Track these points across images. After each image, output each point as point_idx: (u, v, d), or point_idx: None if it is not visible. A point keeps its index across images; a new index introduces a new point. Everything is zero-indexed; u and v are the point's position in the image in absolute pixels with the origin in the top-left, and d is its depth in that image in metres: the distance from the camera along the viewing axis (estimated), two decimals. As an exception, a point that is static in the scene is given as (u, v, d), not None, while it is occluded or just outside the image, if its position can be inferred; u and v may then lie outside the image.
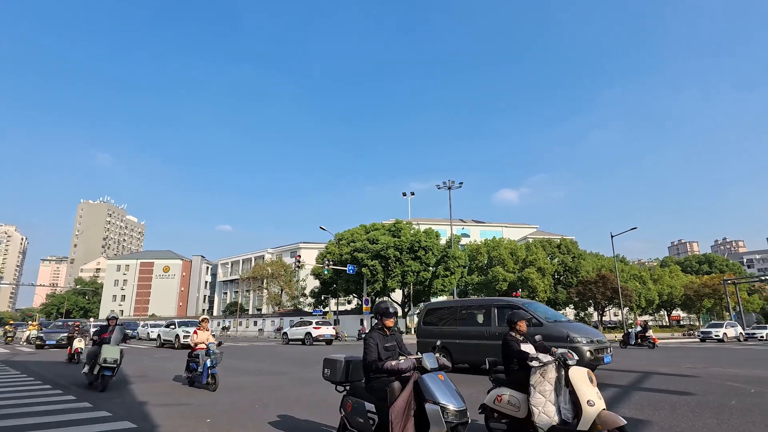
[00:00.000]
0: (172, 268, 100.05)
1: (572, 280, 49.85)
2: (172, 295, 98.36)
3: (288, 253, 79.86)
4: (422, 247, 39.73)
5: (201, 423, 5.89)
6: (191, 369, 9.38)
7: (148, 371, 12.59)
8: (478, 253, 50.73)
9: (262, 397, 7.88)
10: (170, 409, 6.93)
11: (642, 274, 56.89)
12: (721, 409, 6.56)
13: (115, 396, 8.14)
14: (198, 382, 9.02)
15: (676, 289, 57.48)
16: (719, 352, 21.38)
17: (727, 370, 11.90)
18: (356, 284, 42.46)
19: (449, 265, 40.96)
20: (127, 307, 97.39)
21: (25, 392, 8.60)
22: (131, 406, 7.18)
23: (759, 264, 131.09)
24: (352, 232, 44.42)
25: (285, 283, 63.41)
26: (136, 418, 6.15)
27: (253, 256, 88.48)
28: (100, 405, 7.11)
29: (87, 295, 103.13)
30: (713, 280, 57.27)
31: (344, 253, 41.57)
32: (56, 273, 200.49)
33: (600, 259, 57.21)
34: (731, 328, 36.04)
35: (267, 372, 12.45)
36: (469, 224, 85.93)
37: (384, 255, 39.08)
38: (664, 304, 60.22)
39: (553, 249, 52.64)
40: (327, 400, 7.25)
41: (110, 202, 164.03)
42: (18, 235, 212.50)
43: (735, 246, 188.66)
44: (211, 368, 8.72)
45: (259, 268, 67.41)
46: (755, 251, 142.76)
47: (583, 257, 52.49)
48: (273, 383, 9.99)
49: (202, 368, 8.89)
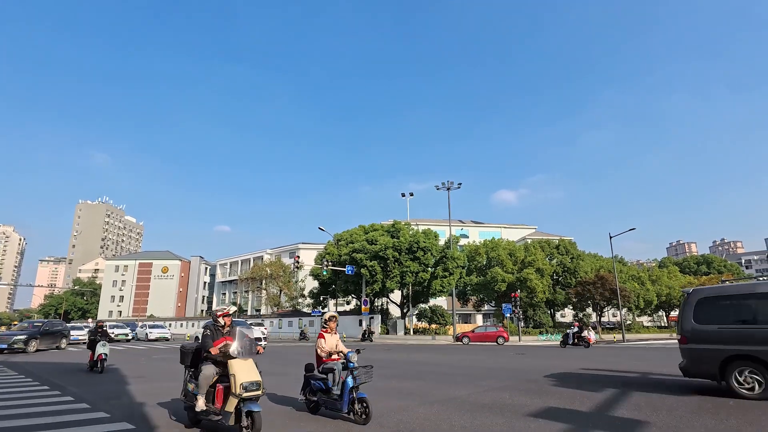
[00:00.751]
0: (171, 268, 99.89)
1: (571, 280, 49.89)
2: (170, 295, 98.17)
3: (287, 253, 79.82)
4: (421, 247, 39.73)
5: (199, 424, 5.87)
6: (317, 389, 6.42)
7: (146, 372, 12.57)
8: (477, 253, 50.73)
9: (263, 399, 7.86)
10: (168, 409, 6.92)
11: (640, 274, 56.95)
12: (719, 409, 6.57)
13: (113, 397, 8.14)
14: (332, 409, 6.19)
15: (675, 290, 57.55)
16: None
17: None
18: (355, 285, 42.44)
19: (448, 266, 40.96)
20: (125, 308, 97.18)
21: (23, 393, 8.58)
22: (129, 407, 7.18)
23: (757, 265, 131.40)
24: (351, 233, 44.42)
25: (284, 284, 63.34)
26: (134, 419, 6.15)
27: (252, 257, 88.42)
28: (98, 406, 7.10)
29: (85, 296, 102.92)
30: (711, 280, 57.38)
31: (343, 253, 41.56)
32: (54, 273, 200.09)
33: (598, 259, 57.26)
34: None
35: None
36: (467, 225, 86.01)
37: (383, 256, 39.07)
38: (663, 304, 60.30)
39: (552, 250, 52.68)
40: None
41: (109, 203, 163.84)
42: (16, 235, 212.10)
43: (733, 247, 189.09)
44: (355, 389, 6.00)
45: (258, 268, 67.35)
46: (753, 252, 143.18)
47: (581, 258, 52.53)
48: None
49: (339, 389, 6.03)
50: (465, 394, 8.20)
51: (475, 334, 33.76)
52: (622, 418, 6.06)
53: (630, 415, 6.20)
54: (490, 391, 8.57)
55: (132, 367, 13.71)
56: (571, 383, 9.70)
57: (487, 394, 8.20)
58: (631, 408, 6.78)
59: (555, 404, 7.12)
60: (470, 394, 8.28)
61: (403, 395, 8.17)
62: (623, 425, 5.69)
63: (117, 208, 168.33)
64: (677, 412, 6.39)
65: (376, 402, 7.43)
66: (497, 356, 19.22)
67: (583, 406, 6.92)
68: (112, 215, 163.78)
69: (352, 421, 5.97)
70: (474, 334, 33.82)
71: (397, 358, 18.40)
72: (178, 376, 11.49)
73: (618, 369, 12.78)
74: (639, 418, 6.01)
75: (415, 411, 6.67)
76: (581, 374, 11.54)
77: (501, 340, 32.25)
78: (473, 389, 8.88)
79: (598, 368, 13.11)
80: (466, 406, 7.07)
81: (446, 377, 11.09)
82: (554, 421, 5.88)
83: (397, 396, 8.10)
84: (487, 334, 33.22)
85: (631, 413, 6.35)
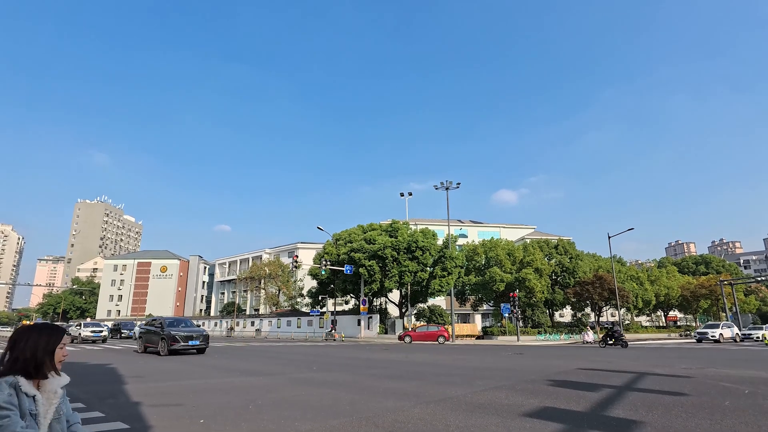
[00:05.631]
0: (170, 268, 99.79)
1: (569, 280, 49.90)
2: (169, 295, 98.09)
3: (285, 253, 79.79)
4: (419, 247, 39.73)
5: (194, 423, 5.86)
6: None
7: (143, 372, 12.55)
8: (476, 253, 50.71)
9: (256, 398, 7.85)
10: (164, 409, 6.90)
11: (639, 274, 56.98)
12: (714, 409, 6.57)
13: (109, 396, 8.11)
14: None
15: (673, 290, 57.60)
16: (712, 352, 21.44)
17: (722, 371, 11.93)
18: (354, 284, 42.44)
19: (446, 266, 40.95)
20: (124, 307, 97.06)
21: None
22: (125, 406, 7.15)
23: (755, 265, 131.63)
24: (350, 233, 44.40)
25: (282, 284, 63.32)
26: (129, 419, 6.12)
27: (251, 256, 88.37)
28: (93, 405, 7.08)
29: (84, 295, 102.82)
30: (710, 281, 57.44)
31: (341, 253, 41.55)
32: (53, 273, 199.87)
33: (597, 259, 57.27)
34: (727, 329, 36.19)
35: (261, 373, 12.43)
36: (466, 225, 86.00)
37: (381, 255, 39.06)
38: (661, 305, 60.34)
39: (551, 250, 52.69)
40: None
41: (107, 202, 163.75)
42: (15, 234, 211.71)
43: (732, 247, 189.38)
44: None
45: (257, 268, 67.31)
46: (752, 252, 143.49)
47: (580, 258, 52.53)
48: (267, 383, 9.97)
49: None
50: (461, 394, 8.19)
51: (417, 333, 34.76)
52: (618, 418, 6.05)
53: (625, 415, 6.19)
54: (486, 391, 8.56)
55: (129, 367, 13.68)
56: (567, 383, 9.69)
57: (483, 394, 8.19)
58: (626, 408, 6.77)
59: (551, 404, 7.11)
60: (466, 394, 8.27)
61: (399, 395, 8.16)
62: (619, 425, 5.68)
63: (116, 208, 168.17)
64: (673, 412, 6.38)
65: (371, 402, 7.43)
66: (494, 356, 19.22)
67: (578, 406, 6.92)
68: (110, 214, 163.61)
69: None
70: (416, 333, 34.77)
71: (393, 358, 18.37)
72: (176, 375, 11.50)
73: (615, 368, 12.79)
74: (634, 418, 6.01)
75: (410, 411, 6.66)
76: (578, 374, 11.54)
77: (441, 339, 33.42)
78: (469, 389, 8.87)
79: (595, 368, 13.11)
80: (461, 405, 7.05)
81: (442, 377, 11.08)
82: (550, 421, 5.87)
83: (393, 396, 8.09)
84: (428, 333, 34.30)
85: (627, 413, 6.35)
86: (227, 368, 13.10)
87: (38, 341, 2.37)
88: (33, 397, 2.25)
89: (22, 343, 2.34)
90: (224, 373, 12.05)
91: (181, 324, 20.42)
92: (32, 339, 2.37)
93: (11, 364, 2.29)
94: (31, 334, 2.39)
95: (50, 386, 2.36)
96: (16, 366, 2.28)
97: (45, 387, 2.34)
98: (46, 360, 2.37)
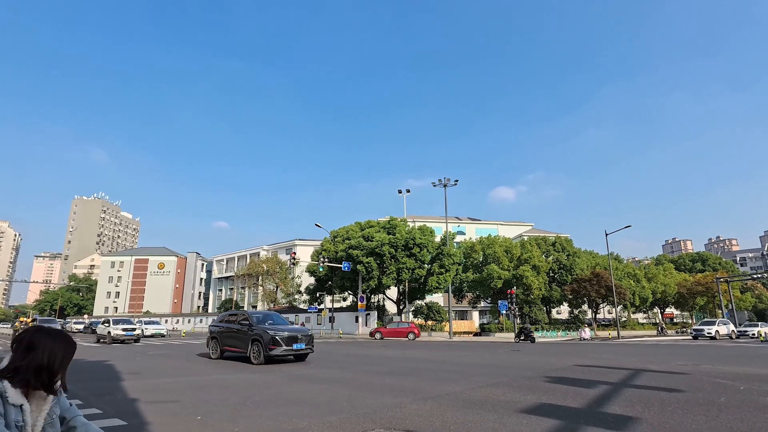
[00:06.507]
0: (167, 264, 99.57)
1: (567, 277, 50.07)
2: (166, 291, 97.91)
3: (283, 250, 79.71)
4: (417, 244, 39.73)
5: (191, 419, 5.87)
6: None
7: (141, 369, 12.53)
8: (473, 250, 50.80)
9: (253, 395, 7.86)
10: (161, 406, 6.90)
11: (636, 272, 57.22)
12: (710, 405, 6.61)
13: (106, 393, 8.10)
14: None
15: (670, 287, 57.86)
16: (708, 349, 21.55)
17: (717, 368, 12.00)
18: (352, 281, 42.43)
19: (444, 263, 40.99)
20: (121, 304, 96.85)
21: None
22: (122, 403, 7.15)
23: (752, 262, 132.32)
24: (348, 229, 44.38)
25: (280, 280, 63.29)
26: (127, 415, 6.12)
27: (249, 253, 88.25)
28: (90, 402, 7.07)
29: (81, 292, 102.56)
30: (706, 278, 57.73)
31: (339, 250, 41.53)
32: (50, 269, 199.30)
33: (594, 257, 57.46)
34: (723, 325, 36.38)
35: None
36: (464, 222, 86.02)
37: (379, 252, 39.05)
38: (658, 302, 60.62)
39: (548, 247, 52.82)
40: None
41: (104, 198, 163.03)
42: (11, 231, 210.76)
43: (728, 244, 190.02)
44: None
45: (255, 265, 67.28)
46: (748, 249, 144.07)
47: (577, 255, 52.70)
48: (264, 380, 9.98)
49: None
50: (458, 390, 8.21)
51: (388, 330, 35.61)
52: (614, 414, 6.08)
53: (622, 411, 6.22)
54: (484, 388, 8.58)
55: (127, 364, 13.67)
56: (564, 379, 9.73)
57: (480, 391, 8.21)
58: (623, 404, 6.80)
59: (547, 400, 7.13)
60: (463, 390, 8.29)
61: (396, 392, 8.18)
62: (615, 421, 5.71)
63: (113, 204, 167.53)
64: (669, 408, 6.42)
65: (368, 398, 7.44)
66: (492, 353, 19.28)
67: (575, 402, 6.94)
68: (108, 211, 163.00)
69: None
70: (386, 330, 35.63)
71: (391, 354, 18.41)
72: (173, 372, 11.50)
73: (612, 365, 12.84)
74: (630, 414, 6.03)
75: (407, 407, 6.67)
76: (575, 370, 11.59)
77: (411, 335, 34.23)
78: (466, 385, 8.90)
79: (592, 364, 13.17)
80: (459, 402, 7.08)
81: (440, 374, 11.11)
82: (546, 417, 5.89)
83: (391, 392, 8.11)
84: (398, 330, 35.18)
85: (623, 409, 6.38)
86: (224, 365, 13.10)
87: (54, 349, 2.07)
88: (20, 406, 1.98)
89: (40, 350, 2.03)
90: (221, 369, 12.05)
91: (269, 320, 14.80)
92: (48, 346, 2.05)
93: (24, 367, 2.01)
94: (47, 342, 2.07)
95: (41, 393, 2.09)
96: (20, 372, 2.00)
97: (35, 394, 2.07)
98: (62, 372, 2.11)
